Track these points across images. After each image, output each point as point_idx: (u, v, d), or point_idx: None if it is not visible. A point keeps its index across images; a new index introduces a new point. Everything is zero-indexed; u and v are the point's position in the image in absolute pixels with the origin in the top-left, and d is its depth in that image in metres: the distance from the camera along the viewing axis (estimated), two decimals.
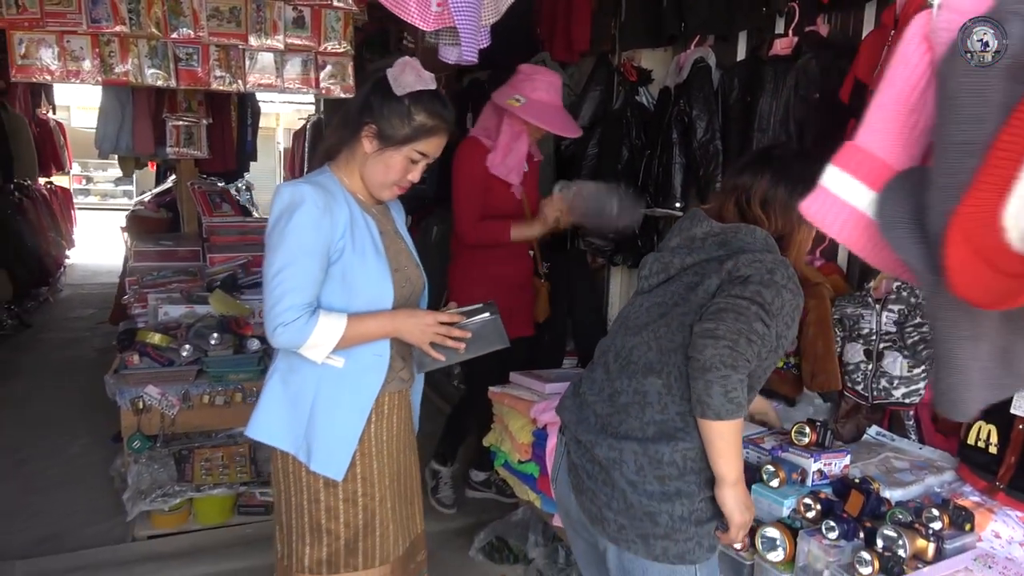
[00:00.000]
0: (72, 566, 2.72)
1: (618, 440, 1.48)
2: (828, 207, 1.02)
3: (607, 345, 1.62)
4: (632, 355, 1.52)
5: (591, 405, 1.57)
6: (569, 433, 1.62)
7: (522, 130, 2.79)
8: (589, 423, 1.55)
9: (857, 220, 1.00)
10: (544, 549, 2.62)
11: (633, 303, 1.62)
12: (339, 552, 1.75)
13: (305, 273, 1.60)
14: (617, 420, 1.50)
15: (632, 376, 1.50)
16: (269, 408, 1.74)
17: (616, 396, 1.52)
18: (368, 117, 1.66)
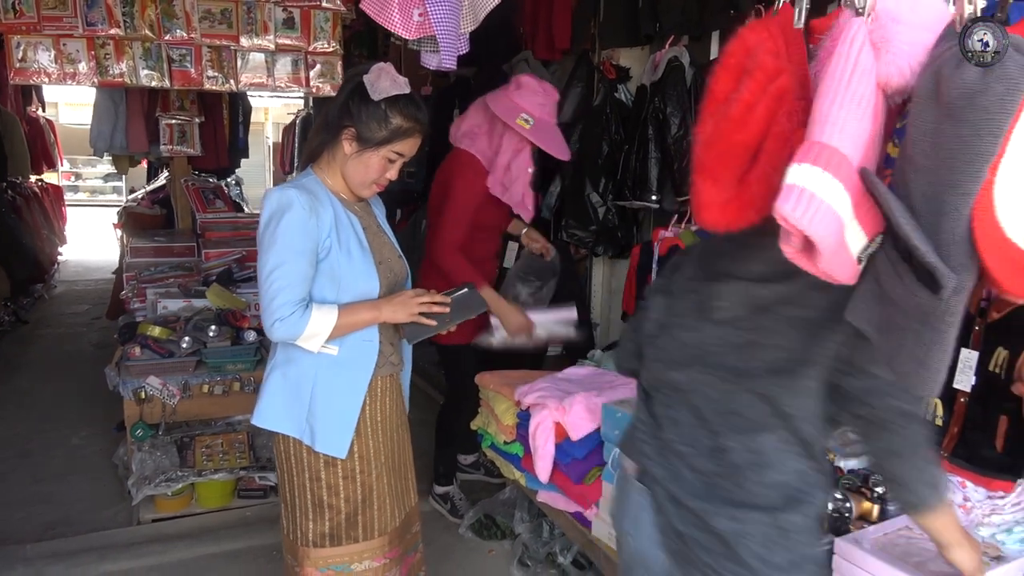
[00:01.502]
0: (81, 548, 2.84)
1: (739, 509, 1.29)
2: (807, 207, 0.95)
3: (683, 381, 1.39)
4: (734, 405, 1.31)
5: (684, 457, 1.36)
6: (661, 491, 1.39)
7: (524, 148, 2.72)
8: (688, 482, 1.35)
9: (832, 220, 0.96)
10: (529, 525, 2.76)
11: (700, 328, 1.38)
12: (340, 525, 1.89)
13: (296, 271, 1.72)
14: (731, 483, 1.31)
15: (742, 432, 1.31)
16: (271, 398, 1.87)
17: (722, 453, 1.32)
18: (347, 121, 1.78)
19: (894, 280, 1.00)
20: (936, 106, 0.94)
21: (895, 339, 1.03)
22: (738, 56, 1.14)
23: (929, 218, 0.95)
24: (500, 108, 2.70)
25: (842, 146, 0.97)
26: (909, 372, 1.01)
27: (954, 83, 0.91)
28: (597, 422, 2.27)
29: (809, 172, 0.96)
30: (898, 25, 0.98)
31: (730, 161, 1.13)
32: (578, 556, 2.61)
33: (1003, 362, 1.86)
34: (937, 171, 0.95)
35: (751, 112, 1.09)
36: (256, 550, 2.85)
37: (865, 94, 0.99)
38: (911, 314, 0.99)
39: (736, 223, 1.15)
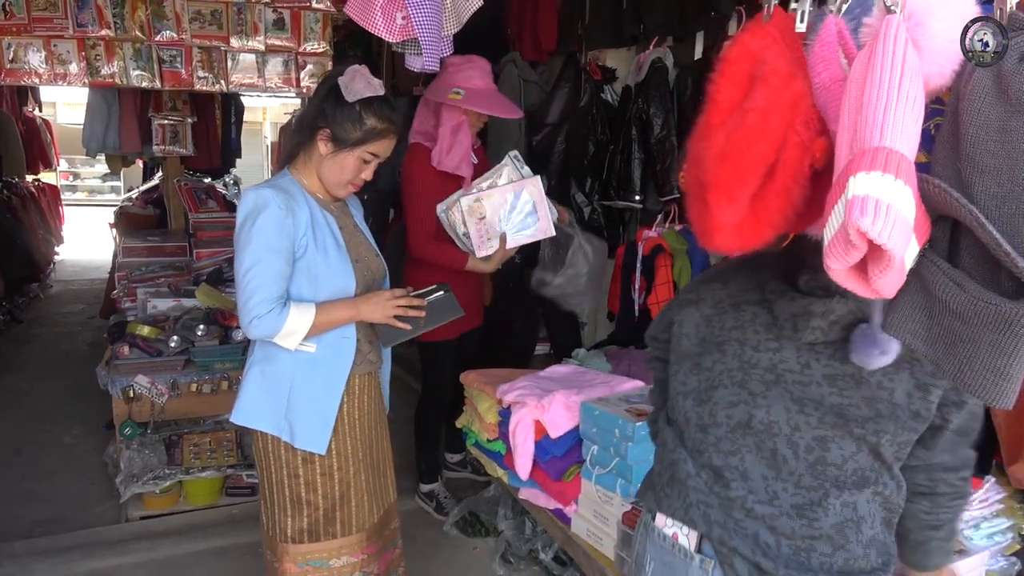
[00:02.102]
0: (69, 545, 2.87)
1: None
2: (887, 218, 0.86)
3: (756, 419, 1.18)
4: (830, 454, 1.13)
5: (760, 518, 1.16)
6: (744, 564, 1.18)
7: (462, 121, 2.75)
8: (771, 549, 1.15)
9: (907, 230, 0.89)
10: (512, 522, 2.78)
11: (777, 349, 1.18)
12: (318, 521, 1.92)
13: (272, 269, 1.75)
14: (829, 547, 1.14)
15: (841, 487, 1.13)
16: (250, 395, 1.89)
17: (813, 510, 1.14)
18: (322, 122, 1.81)
19: (952, 290, 0.94)
20: (1002, 103, 0.90)
21: (963, 352, 0.95)
22: (742, 63, 1.06)
23: (1004, 221, 0.90)
24: (432, 92, 2.79)
25: (904, 150, 0.89)
26: (985, 384, 0.94)
27: (1023, 78, 0.87)
28: (576, 420, 2.29)
29: (881, 180, 0.87)
30: (938, 21, 0.92)
31: (747, 176, 1.03)
32: (559, 552, 2.64)
33: None
34: (1011, 170, 0.90)
35: (768, 121, 1.01)
36: (243, 547, 2.87)
37: (918, 95, 0.91)
38: (984, 324, 0.92)
39: (751, 244, 1.05)
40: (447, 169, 2.75)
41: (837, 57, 1.02)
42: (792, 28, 1.07)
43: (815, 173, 1.03)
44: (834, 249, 0.91)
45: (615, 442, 2.12)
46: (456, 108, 2.74)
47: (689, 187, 1.10)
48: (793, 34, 1.06)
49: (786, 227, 1.03)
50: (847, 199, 0.88)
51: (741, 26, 2.68)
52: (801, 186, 0.99)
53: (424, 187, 2.78)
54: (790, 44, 1.05)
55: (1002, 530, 1.84)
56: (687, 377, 1.27)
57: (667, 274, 2.99)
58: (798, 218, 1.04)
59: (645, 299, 3.08)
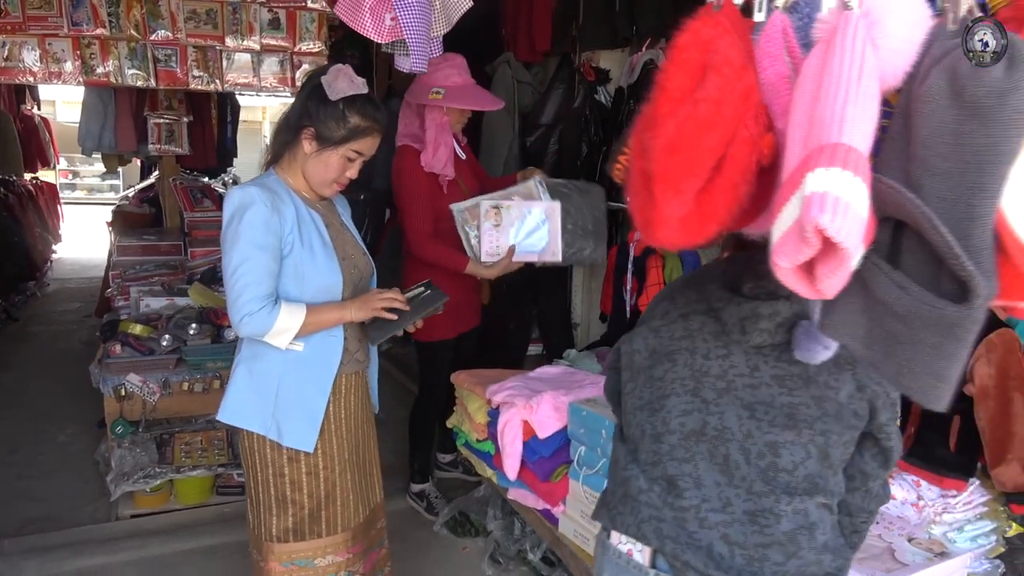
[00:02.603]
0: (59, 543, 2.87)
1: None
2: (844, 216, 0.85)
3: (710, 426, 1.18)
4: (781, 459, 1.14)
5: (713, 527, 1.15)
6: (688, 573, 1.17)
7: (445, 121, 2.77)
8: (725, 560, 1.14)
9: (862, 229, 0.88)
10: (501, 522, 2.79)
11: (726, 356, 1.19)
12: (304, 520, 1.92)
13: (261, 267, 1.75)
14: (782, 554, 1.13)
15: (792, 493, 1.14)
16: (237, 394, 1.89)
17: (765, 517, 1.14)
18: (307, 121, 1.81)
19: (895, 292, 0.94)
20: (956, 105, 0.89)
21: (903, 355, 0.95)
22: (693, 51, 1.02)
23: (955, 224, 0.89)
24: (413, 95, 2.81)
25: (860, 147, 0.89)
26: (924, 387, 0.94)
27: (980, 81, 0.86)
28: (564, 421, 2.29)
29: (841, 177, 0.86)
30: (896, 21, 0.92)
31: (696, 169, 1.00)
32: (547, 553, 2.64)
33: None
34: (962, 173, 0.89)
35: (719, 112, 0.98)
36: (232, 546, 2.87)
37: (875, 92, 0.91)
38: (926, 326, 0.92)
39: (696, 239, 1.05)
40: (435, 170, 2.77)
41: (782, 54, 1.00)
42: (741, 20, 1.05)
43: (760, 170, 1.01)
44: (785, 246, 0.90)
45: (603, 443, 2.12)
46: (438, 108, 2.75)
47: (632, 178, 1.08)
48: (743, 25, 1.04)
49: (730, 223, 1.02)
50: (804, 195, 0.87)
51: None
52: (748, 182, 0.98)
53: (417, 189, 2.79)
54: (741, 35, 1.03)
55: (985, 533, 1.84)
56: (641, 391, 1.28)
57: (658, 275, 2.99)
58: (742, 214, 1.03)
59: (637, 300, 3.08)
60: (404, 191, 2.81)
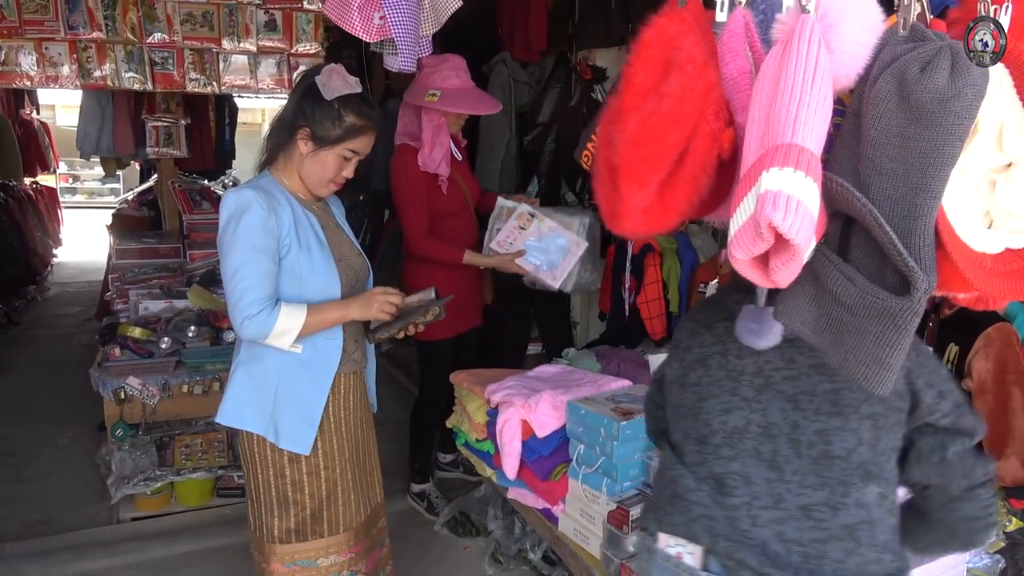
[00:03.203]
0: (60, 546, 2.87)
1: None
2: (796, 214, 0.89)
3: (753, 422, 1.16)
4: (832, 447, 1.11)
5: (766, 524, 1.13)
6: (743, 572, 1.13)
7: (442, 122, 2.79)
8: (781, 559, 1.11)
9: (812, 226, 0.92)
10: (502, 522, 2.79)
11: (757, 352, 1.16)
12: (305, 521, 1.92)
13: (260, 269, 1.75)
14: (840, 550, 1.10)
15: (848, 483, 1.11)
16: (236, 396, 1.89)
17: (820, 511, 1.11)
18: (302, 121, 1.81)
19: (843, 283, 0.98)
20: (902, 109, 0.93)
21: (850, 341, 1.00)
22: (657, 47, 1.06)
23: (898, 221, 0.94)
24: (410, 95, 2.82)
25: (812, 147, 0.93)
26: (867, 373, 0.99)
27: (925, 87, 0.90)
28: (562, 419, 2.29)
29: (792, 177, 0.90)
30: (850, 25, 0.96)
31: (659, 162, 1.04)
32: (548, 552, 2.64)
33: (954, 357, 1.89)
34: (907, 174, 0.94)
35: (682, 108, 1.02)
36: (234, 547, 2.87)
37: (828, 94, 0.95)
38: (871, 316, 0.96)
39: (657, 229, 1.10)
40: (430, 170, 2.79)
41: (744, 50, 1.03)
42: (705, 16, 1.08)
43: (720, 163, 1.05)
44: (740, 240, 0.94)
45: (601, 441, 2.12)
46: (435, 109, 2.76)
47: (598, 169, 1.11)
48: (706, 22, 1.07)
49: (691, 214, 1.05)
50: (759, 193, 0.91)
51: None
52: (708, 175, 1.01)
53: (414, 188, 2.81)
54: (704, 32, 1.06)
55: None
56: (678, 398, 1.27)
57: (656, 273, 2.99)
58: (702, 206, 1.07)
59: (635, 298, 3.08)
60: (401, 190, 2.84)
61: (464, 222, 2.99)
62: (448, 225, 2.89)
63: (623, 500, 2.06)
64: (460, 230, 2.96)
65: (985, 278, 0.98)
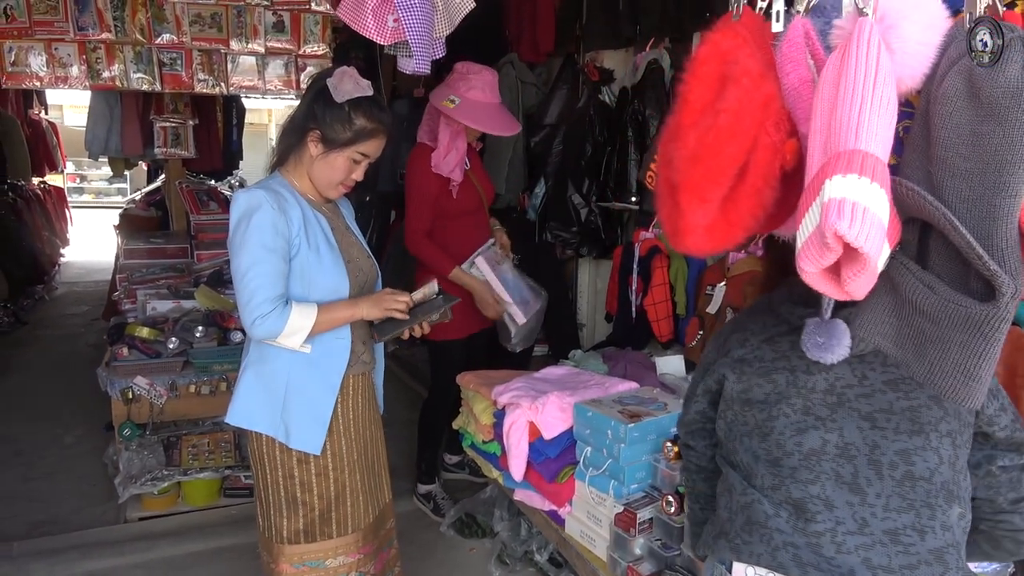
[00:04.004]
0: (67, 546, 2.88)
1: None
2: (863, 222, 0.86)
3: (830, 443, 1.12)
4: (915, 467, 1.07)
5: (852, 551, 1.08)
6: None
7: (460, 129, 2.81)
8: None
9: (882, 233, 0.89)
10: (508, 523, 2.78)
11: (827, 369, 1.12)
12: (314, 522, 1.92)
13: (271, 269, 1.75)
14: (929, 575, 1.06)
15: (933, 506, 1.07)
16: (245, 396, 1.90)
17: (908, 535, 1.07)
18: (312, 123, 1.81)
19: (923, 292, 0.94)
20: (973, 106, 0.90)
21: (933, 353, 0.96)
22: (713, 63, 1.05)
23: (976, 224, 0.91)
24: (435, 96, 2.85)
25: (878, 152, 0.90)
26: (955, 385, 0.95)
27: (996, 82, 0.87)
28: (569, 421, 2.29)
29: (858, 184, 0.87)
30: (910, 24, 0.94)
31: (719, 177, 1.02)
32: (554, 554, 2.64)
33: None
34: (982, 174, 0.90)
35: (739, 122, 1.01)
36: (240, 547, 2.88)
37: (891, 97, 0.92)
38: (954, 325, 0.92)
39: (723, 246, 1.06)
40: (442, 173, 2.82)
41: (805, 58, 1.01)
42: (761, 28, 1.06)
43: (785, 174, 1.02)
44: (808, 252, 0.91)
45: (608, 444, 2.12)
46: (450, 117, 2.79)
47: (660, 188, 1.09)
48: (762, 34, 1.06)
49: (756, 228, 1.03)
50: (823, 202, 0.88)
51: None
52: (772, 187, 0.99)
53: (424, 186, 2.85)
54: (760, 44, 1.04)
55: None
56: (742, 415, 1.21)
57: (663, 275, 2.99)
58: (768, 219, 1.04)
59: (642, 300, 3.08)
60: (411, 186, 2.89)
61: (478, 221, 3.01)
62: (462, 224, 2.93)
63: (630, 502, 2.05)
64: (474, 229, 2.98)
65: None
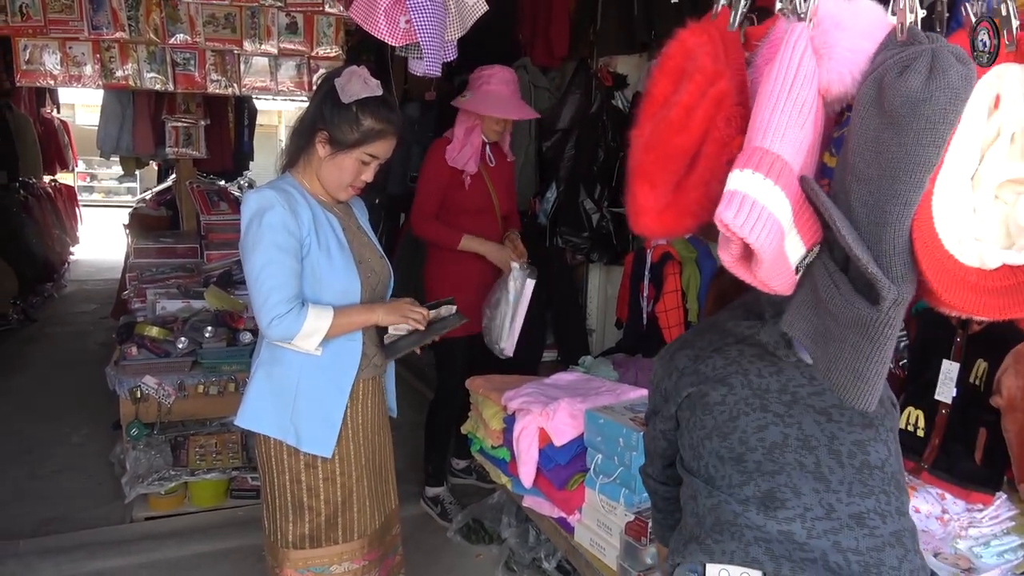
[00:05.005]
0: (74, 544, 2.87)
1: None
2: (749, 214, 0.92)
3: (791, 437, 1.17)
4: (870, 457, 1.15)
5: (822, 535, 1.11)
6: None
7: (475, 124, 2.91)
8: (836, 565, 1.09)
9: (774, 228, 0.94)
10: (516, 529, 2.76)
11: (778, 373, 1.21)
12: (320, 527, 1.91)
13: (285, 269, 1.74)
14: (894, 557, 1.10)
15: (888, 492, 1.14)
16: (256, 398, 1.88)
17: (871, 518, 1.12)
18: (320, 124, 1.80)
19: (831, 290, 0.99)
20: (879, 114, 0.93)
21: (832, 350, 1.00)
22: (677, 59, 1.10)
23: (870, 228, 0.94)
24: (457, 99, 2.98)
25: (784, 152, 0.95)
26: (846, 384, 0.99)
27: (898, 91, 0.89)
28: (580, 428, 2.27)
29: (751, 179, 0.94)
30: (841, 31, 0.97)
31: (668, 165, 1.09)
32: (562, 561, 2.61)
33: (983, 374, 1.86)
34: (880, 180, 0.93)
35: (690, 115, 1.06)
36: (246, 549, 2.87)
37: (807, 100, 0.97)
38: (849, 325, 0.96)
39: (673, 230, 1.14)
40: (455, 165, 2.90)
41: None
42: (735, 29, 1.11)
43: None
44: (721, 241, 1.00)
45: (619, 451, 2.10)
46: (470, 111, 2.88)
47: (627, 172, 1.18)
48: (733, 35, 1.10)
49: (705, 217, 1.08)
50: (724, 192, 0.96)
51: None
52: (719, 180, 1.03)
53: (434, 174, 2.95)
54: (729, 43, 1.09)
55: (1013, 548, 1.80)
56: (700, 420, 1.24)
57: (676, 282, 2.97)
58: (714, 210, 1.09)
59: (654, 307, 3.06)
60: (422, 174, 2.99)
61: (481, 223, 3.00)
62: (470, 222, 2.95)
63: (641, 511, 2.03)
64: (475, 229, 2.97)
65: (962, 292, 0.96)
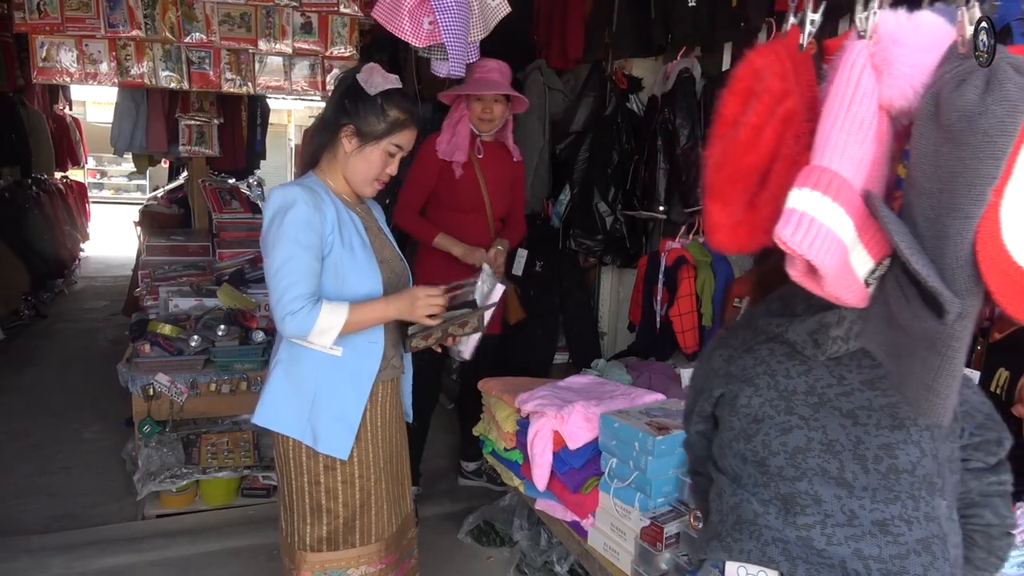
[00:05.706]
0: (85, 541, 2.88)
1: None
2: (807, 231, 0.94)
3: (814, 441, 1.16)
4: (899, 460, 1.12)
5: (842, 542, 1.11)
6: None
7: (463, 115, 2.92)
8: (855, 572, 1.10)
9: (834, 244, 0.95)
10: (528, 532, 2.75)
11: (807, 372, 1.19)
12: (338, 530, 1.89)
13: (304, 266, 1.73)
14: (919, 565, 1.09)
15: (917, 497, 1.12)
16: (274, 397, 1.87)
17: (896, 525, 1.10)
18: (345, 119, 1.81)
19: (902, 303, 0.98)
20: (936, 128, 0.93)
21: (905, 365, 1.00)
22: (746, 80, 1.13)
23: (933, 241, 0.94)
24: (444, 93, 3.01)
25: (842, 169, 0.96)
26: (919, 399, 0.98)
27: (954, 105, 0.90)
28: (595, 432, 2.27)
29: (808, 197, 0.95)
30: (900, 47, 0.98)
31: (739, 184, 1.12)
32: (575, 565, 2.61)
33: (1004, 383, 1.84)
34: (939, 194, 0.93)
35: (759, 135, 1.09)
36: (257, 548, 2.87)
37: (866, 117, 0.98)
38: (918, 339, 0.96)
39: (747, 246, 1.14)
40: (444, 157, 2.91)
41: None
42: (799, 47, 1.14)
43: None
44: (786, 258, 1.01)
45: (635, 455, 2.09)
46: (459, 104, 2.90)
47: (701, 190, 1.21)
48: (802, 53, 1.13)
49: None
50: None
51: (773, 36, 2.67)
52: None
53: (424, 165, 2.95)
54: (797, 62, 1.12)
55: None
56: (728, 421, 1.27)
57: (690, 286, 2.96)
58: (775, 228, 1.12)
59: (667, 310, 3.05)
60: (412, 165, 2.99)
61: (470, 224, 2.98)
62: (457, 221, 2.95)
63: (656, 516, 2.02)
64: (463, 229, 2.95)
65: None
